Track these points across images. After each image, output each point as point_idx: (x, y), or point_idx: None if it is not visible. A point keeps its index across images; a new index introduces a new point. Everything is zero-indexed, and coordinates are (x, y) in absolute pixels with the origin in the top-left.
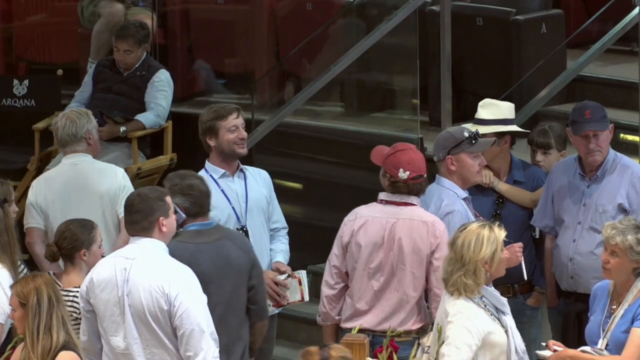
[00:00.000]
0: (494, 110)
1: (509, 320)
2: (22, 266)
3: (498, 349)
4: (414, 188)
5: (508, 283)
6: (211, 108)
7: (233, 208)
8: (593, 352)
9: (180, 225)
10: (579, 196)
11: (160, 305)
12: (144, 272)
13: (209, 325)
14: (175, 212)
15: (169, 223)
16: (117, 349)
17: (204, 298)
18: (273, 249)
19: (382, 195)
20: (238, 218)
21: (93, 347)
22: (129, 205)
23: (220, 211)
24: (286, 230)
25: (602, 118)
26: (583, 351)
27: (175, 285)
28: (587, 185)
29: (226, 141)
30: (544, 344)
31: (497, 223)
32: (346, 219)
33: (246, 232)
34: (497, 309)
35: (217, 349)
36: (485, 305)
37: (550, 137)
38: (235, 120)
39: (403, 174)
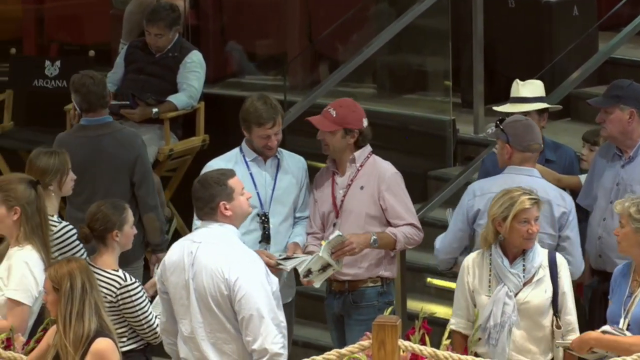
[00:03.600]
0: (533, 88)
1: (502, 291)
2: (63, 224)
3: (479, 309)
4: (370, 130)
5: None
6: (254, 104)
7: (258, 193)
8: (615, 332)
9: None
10: (613, 176)
11: (220, 289)
12: (208, 256)
13: (271, 311)
14: (75, 108)
15: (234, 206)
16: (185, 333)
17: (268, 284)
18: (294, 232)
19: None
20: (261, 204)
21: (172, 328)
22: (193, 191)
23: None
24: None
25: (613, 97)
26: (604, 331)
27: (235, 270)
28: (622, 165)
29: (256, 142)
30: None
31: (535, 198)
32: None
33: (267, 219)
34: (499, 276)
35: (279, 335)
36: (490, 264)
37: (599, 134)
38: (269, 131)
39: (365, 122)
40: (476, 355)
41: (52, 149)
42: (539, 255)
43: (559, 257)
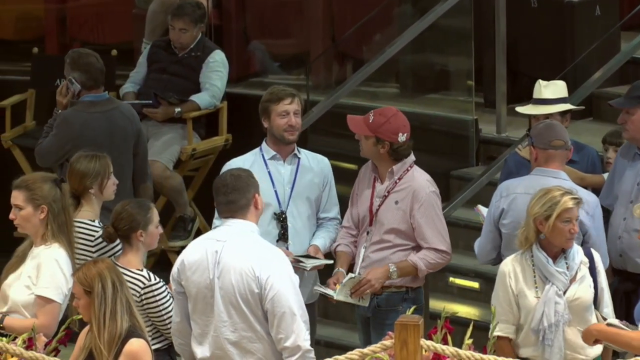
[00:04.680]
0: (555, 89)
1: (552, 291)
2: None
3: (524, 312)
4: (410, 146)
5: None
6: (270, 89)
7: (276, 192)
8: (620, 325)
9: (77, 96)
10: (633, 176)
11: (251, 288)
12: (235, 255)
13: (300, 308)
14: (72, 83)
15: (262, 201)
16: (206, 332)
17: (296, 280)
18: (316, 234)
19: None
20: (279, 203)
21: (186, 329)
22: (222, 186)
23: (262, 193)
24: (337, 222)
25: (635, 98)
26: (609, 324)
27: (266, 268)
28: None
29: (276, 126)
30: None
31: (577, 198)
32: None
33: (285, 218)
34: (545, 275)
35: (308, 332)
36: (533, 265)
37: (621, 135)
38: (287, 106)
39: (402, 137)
40: (520, 358)
41: (94, 152)
42: (578, 252)
43: (594, 252)
